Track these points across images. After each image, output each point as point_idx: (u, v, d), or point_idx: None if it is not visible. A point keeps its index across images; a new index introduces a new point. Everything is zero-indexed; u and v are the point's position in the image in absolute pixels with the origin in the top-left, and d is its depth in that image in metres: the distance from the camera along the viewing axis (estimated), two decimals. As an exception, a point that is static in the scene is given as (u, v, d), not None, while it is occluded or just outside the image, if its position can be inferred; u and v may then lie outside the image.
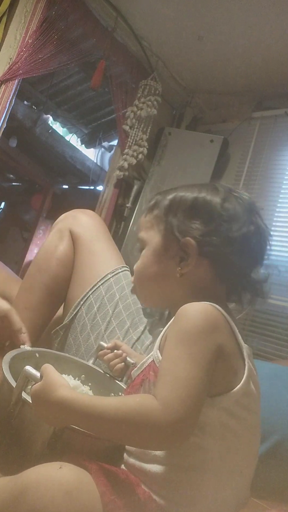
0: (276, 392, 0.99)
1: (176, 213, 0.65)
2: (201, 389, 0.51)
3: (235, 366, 0.57)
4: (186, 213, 0.64)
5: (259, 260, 0.65)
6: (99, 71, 2.29)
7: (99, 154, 4.00)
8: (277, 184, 2.53)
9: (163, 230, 0.66)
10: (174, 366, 0.52)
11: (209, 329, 0.54)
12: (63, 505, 0.47)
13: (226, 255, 0.62)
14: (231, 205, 0.64)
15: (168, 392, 0.50)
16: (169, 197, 0.67)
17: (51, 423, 0.54)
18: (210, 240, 0.62)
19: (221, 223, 0.62)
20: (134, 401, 0.51)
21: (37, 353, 0.79)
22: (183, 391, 0.50)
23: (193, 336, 0.53)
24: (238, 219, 0.63)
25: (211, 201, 0.64)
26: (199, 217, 0.63)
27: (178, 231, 0.63)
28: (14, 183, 4.84)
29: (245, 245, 0.62)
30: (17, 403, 0.59)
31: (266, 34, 2.22)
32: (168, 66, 2.75)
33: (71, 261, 1.12)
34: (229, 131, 2.78)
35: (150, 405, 0.49)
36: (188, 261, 0.63)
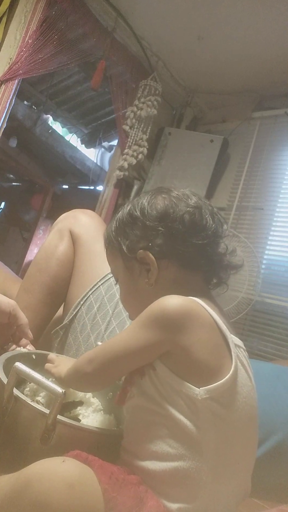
0: (276, 392, 0.99)
1: (121, 235, 0.69)
2: (123, 356, 0.59)
3: (215, 357, 0.57)
4: (127, 230, 0.68)
5: (214, 234, 0.66)
6: (99, 71, 2.29)
7: (99, 154, 4.00)
8: (277, 184, 2.53)
9: (120, 256, 0.69)
10: (115, 337, 0.61)
11: (161, 320, 0.57)
12: (66, 498, 0.48)
13: (177, 247, 0.64)
14: (158, 203, 0.66)
15: (95, 350, 0.61)
16: (112, 226, 0.72)
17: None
18: (155, 242, 0.64)
19: (155, 222, 0.65)
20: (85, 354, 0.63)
21: (34, 355, 0.79)
22: (102, 355, 0.60)
23: (145, 320, 0.58)
24: (170, 211, 0.65)
25: (136, 207, 0.68)
26: (136, 227, 0.67)
27: (129, 250, 0.67)
28: (14, 183, 4.84)
29: (189, 229, 0.64)
30: (9, 400, 0.59)
31: (266, 34, 2.22)
32: (168, 66, 2.75)
33: (71, 261, 1.12)
34: (229, 131, 2.78)
35: (84, 359, 0.62)
36: (151, 270, 0.65)
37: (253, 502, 0.80)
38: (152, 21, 2.41)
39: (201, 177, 2.62)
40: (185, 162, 2.72)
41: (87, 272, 1.11)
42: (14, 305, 0.82)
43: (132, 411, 0.62)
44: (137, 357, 0.58)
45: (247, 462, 0.60)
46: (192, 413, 0.55)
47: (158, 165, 2.83)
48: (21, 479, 0.50)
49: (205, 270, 0.66)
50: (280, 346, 2.20)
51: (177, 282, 0.65)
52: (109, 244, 0.72)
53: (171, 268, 0.65)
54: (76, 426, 0.59)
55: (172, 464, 0.55)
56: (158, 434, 0.57)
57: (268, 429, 0.91)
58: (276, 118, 2.60)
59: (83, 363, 0.62)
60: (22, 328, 0.83)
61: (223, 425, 0.56)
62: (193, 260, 0.65)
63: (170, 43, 2.55)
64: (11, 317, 0.81)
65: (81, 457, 0.53)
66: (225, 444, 0.56)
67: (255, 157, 2.63)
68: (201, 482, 0.54)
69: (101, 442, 0.60)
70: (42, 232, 4.38)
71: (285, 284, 2.29)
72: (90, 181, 3.89)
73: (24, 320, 0.83)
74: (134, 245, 0.66)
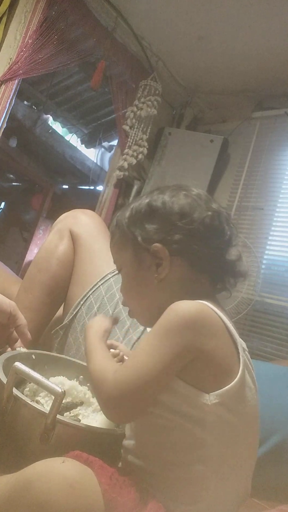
0: (277, 392, 0.99)
1: (136, 225, 0.67)
2: (153, 380, 0.54)
3: (228, 362, 0.57)
4: (144, 221, 0.66)
5: (228, 241, 0.66)
6: (99, 71, 2.29)
7: (99, 154, 4.00)
8: (277, 184, 2.53)
9: (130, 246, 0.68)
10: (140, 352, 0.57)
11: (186, 328, 0.55)
12: (67, 499, 0.48)
13: (194, 247, 0.64)
14: (181, 200, 0.66)
15: (124, 371, 0.56)
16: (126, 214, 0.70)
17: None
18: (173, 238, 0.64)
19: (177, 218, 0.64)
20: (106, 365, 0.60)
21: (34, 355, 0.79)
22: (136, 376, 0.54)
23: (167, 331, 0.55)
24: (192, 210, 0.65)
25: (159, 201, 0.66)
26: (156, 220, 0.66)
27: (144, 241, 0.65)
28: (14, 183, 4.84)
29: (208, 231, 0.64)
30: (9, 400, 0.59)
31: (266, 34, 2.22)
32: (168, 66, 2.75)
33: (71, 261, 1.12)
34: (229, 131, 2.78)
35: (108, 374, 0.57)
36: (163, 265, 0.64)
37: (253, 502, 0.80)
38: (152, 21, 2.41)
39: (201, 177, 2.61)
40: (185, 162, 2.72)
41: (87, 272, 1.11)
42: (14, 305, 0.82)
43: None
44: (166, 370, 0.55)
45: (249, 465, 0.60)
46: (199, 418, 0.54)
47: (158, 165, 2.82)
48: (21, 479, 0.50)
49: (214, 274, 0.66)
50: (280, 346, 2.20)
51: (185, 281, 0.65)
52: (120, 231, 0.70)
53: (181, 267, 0.64)
54: (75, 426, 0.59)
55: (176, 466, 0.55)
56: (162, 437, 0.56)
57: (268, 429, 0.91)
58: (276, 118, 2.60)
59: (106, 384, 0.56)
60: (21, 329, 0.83)
61: (228, 429, 0.56)
62: (205, 263, 0.65)
63: (170, 43, 2.55)
64: (11, 318, 0.81)
65: (82, 458, 0.53)
66: (230, 448, 0.56)
67: (255, 157, 2.63)
68: (204, 485, 0.54)
69: (101, 441, 0.60)
70: (42, 232, 4.37)
71: (285, 284, 2.29)
72: (90, 181, 3.89)
73: (23, 321, 0.83)
74: (150, 237, 0.65)
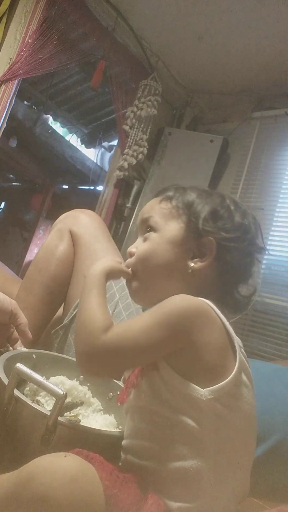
0: (276, 392, 0.99)
1: (202, 212, 0.66)
2: (137, 350, 0.56)
3: (222, 358, 0.58)
4: (212, 215, 0.66)
5: (249, 276, 0.69)
6: (99, 71, 2.29)
7: (99, 154, 4.00)
8: (277, 184, 2.53)
9: (184, 222, 0.67)
10: (133, 322, 0.58)
11: (181, 317, 0.57)
12: (68, 492, 0.48)
13: (235, 264, 0.65)
14: (248, 221, 0.68)
15: (114, 330, 0.57)
16: (193, 194, 0.69)
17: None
18: (228, 246, 0.65)
19: (240, 234, 0.66)
20: (99, 316, 0.59)
21: (34, 355, 0.79)
22: (123, 340, 0.56)
23: (163, 315, 0.57)
24: (251, 235, 0.67)
25: (234, 212, 0.67)
26: (225, 222, 0.66)
27: (203, 229, 0.65)
28: (14, 183, 4.84)
29: (248, 259, 0.67)
30: (10, 401, 0.59)
31: (266, 34, 2.22)
32: (168, 66, 2.75)
33: (71, 261, 1.12)
34: (229, 131, 2.78)
35: (99, 325, 0.57)
36: (203, 259, 0.65)
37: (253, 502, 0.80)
38: (152, 21, 2.41)
39: (201, 177, 2.61)
40: (185, 162, 2.72)
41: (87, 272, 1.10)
42: (15, 304, 0.82)
43: (133, 412, 0.62)
44: (153, 349, 0.57)
45: (247, 462, 0.60)
46: (195, 414, 0.55)
47: (158, 165, 2.82)
48: (23, 473, 0.50)
49: (223, 293, 0.67)
50: (280, 346, 2.20)
51: (206, 283, 0.65)
52: (177, 205, 0.68)
53: (213, 271, 0.65)
54: (77, 428, 0.59)
55: (174, 463, 0.55)
56: (159, 434, 0.57)
57: (268, 429, 0.91)
58: (276, 118, 2.60)
59: (99, 328, 0.57)
60: (22, 328, 0.83)
61: (224, 425, 0.56)
62: (227, 280, 0.66)
63: (170, 43, 2.55)
64: (12, 316, 0.81)
65: (82, 454, 0.53)
66: (226, 444, 0.56)
67: (255, 157, 2.63)
68: (202, 482, 0.54)
69: (102, 443, 0.60)
70: (42, 232, 4.38)
71: (285, 284, 2.29)
72: (90, 181, 3.89)
73: (24, 319, 0.83)
74: (210, 231, 0.65)
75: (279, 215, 2.48)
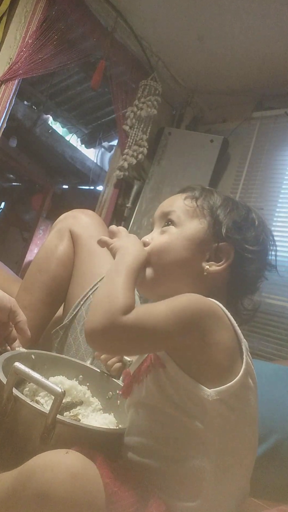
0: (277, 392, 0.99)
1: (227, 217, 0.67)
2: (152, 338, 0.56)
3: (230, 358, 0.58)
4: (236, 224, 0.67)
5: (256, 290, 0.70)
6: (99, 71, 2.29)
7: (99, 154, 4.00)
8: (277, 184, 2.53)
9: (208, 222, 0.67)
10: (155, 309, 0.57)
11: (195, 313, 0.57)
12: (70, 489, 0.48)
13: (247, 274, 0.66)
14: (265, 235, 0.69)
15: (135, 311, 0.55)
16: (221, 199, 0.70)
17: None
18: (246, 257, 0.66)
19: (258, 246, 0.67)
20: (129, 297, 0.57)
21: (33, 355, 0.79)
22: (143, 326, 0.55)
23: (179, 310, 0.56)
24: (267, 249, 0.69)
25: (258, 223, 0.69)
26: (247, 233, 0.67)
27: (225, 233, 0.66)
28: (14, 183, 4.84)
29: (259, 274, 0.69)
30: (9, 400, 0.59)
31: (266, 34, 2.22)
32: (168, 66, 2.75)
33: (71, 261, 1.12)
34: (229, 131, 2.78)
35: (126, 309, 0.55)
36: (219, 264, 0.66)
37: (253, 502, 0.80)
38: (152, 21, 2.41)
39: (201, 177, 2.61)
40: (185, 162, 2.72)
41: (87, 272, 1.11)
42: (14, 301, 0.82)
43: (135, 408, 0.62)
44: (167, 339, 0.56)
45: (248, 464, 0.61)
46: (199, 414, 0.55)
47: (158, 165, 2.82)
48: (24, 470, 0.50)
49: (230, 299, 0.68)
50: (280, 346, 2.20)
51: (217, 287, 0.66)
52: (203, 204, 0.69)
53: (226, 276, 0.66)
54: (75, 426, 0.59)
55: (175, 462, 0.55)
56: (162, 432, 0.57)
57: (268, 429, 0.91)
58: (276, 118, 2.60)
59: (121, 307, 0.55)
60: (20, 326, 0.82)
61: (228, 426, 0.56)
62: (237, 287, 0.67)
63: (170, 43, 2.55)
64: (11, 314, 0.81)
65: (83, 452, 0.53)
66: (229, 445, 0.57)
67: (255, 157, 2.63)
68: (204, 482, 0.54)
69: (102, 441, 0.60)
70: (42, 232, 4.38)
71: (285, 284, 2.28)
72: (90, 181, 3.89)
73: (23, 317, 0.83)
74: (231, 237, 0.66)
75: (279, 215, 2.48)
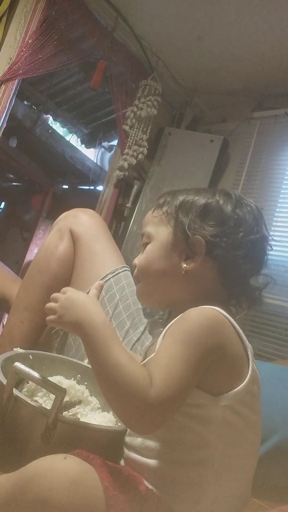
0: (277, 392, 0.99)
1: (188, 212, 0.66)
2: (187, 388, 0.53)
3: (239, 366, 0.58)
4: (199, 213, 0.66)
5: (260, 267, 0.67)
6: (99, 71, 2.29)
7: (99, 154, 3.99)
8: (277, 184, 2.53)
9: (172, 226, 0.67)
10: (170, 360, 0.54)
11: (208, 333, 0.55)
12: (68, 495, 0.48)
13: (231, 259, 0.64)
14: (242, 212, 0.66)
15: (162, 382, 0.52)
16: (181, 197, 0.68)
17: (66, 319, 0.58)
18: (219, 241, 0.64)
19: (231, 227, 0.64)
20: (139, 371, 0.53)
21: (31, 355, 0.79)
22: (175, 387, 0.52)
23: (193, 339, 0.54)
24: (246, 226, 0.65)
25: (223, 205, 0.66)
26: (211, 218, 0.65)
27: (189, 229, 0.65)
28: (14, 183, 4.83)
29: (250, 252, 0.65)
30: (9, 400, 0.59)
31: (266, 34, 2.22)
32: (168, 66, 2.75)
33: (71, 261, 1.12)
34: (229, 131, 2.78)
35: (147, 383, 0.51)
36: (194, 259, 0.64)
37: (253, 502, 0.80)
38: (152, 21, 2.41)
39: (201, 177, 2.61)
40: (185, 162, 2.72)
41: (87, 272, 1.10)
42: None
43: None
44: (197, 375, 0.54)
45: (250, 469, 0.60)
46: (204, 418, 0.55)
47: (158, 165, 2.82)
48: (23, 475, 0.50)
49: (233, 290, 0.66)
50: (280, 346, 2.20)
51: (206, 284, 0.65)
52: (166, 210, 0.69)
53: (210, 270, 0.65)
54: (77, 424, 0.59)
55: (178, 465, 0.55)
56: (165, 435, 0.57)
57: (268, 429, 0.91)
58: (276, 118, 2.60)
59: (143, 384, 0.51)
60: None
61: (232, 431, 0.56)
62: (232, 277, 0.65)
63: (170, 43, 2.55)
64: None
65: (82, 455, 0.53)
66: (232, 450, 0.57)
67: (255, 157, 2.63)
68: (205, 485, 0.54)
69: (102, 439, 0.61)
70: (42, 232, 4.37)
71: (285, 284, 2.28)
72: (90, 181, 3.89)
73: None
74: (197, 229, 0.65)
75: (279, 215, 2.48)
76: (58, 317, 0.59)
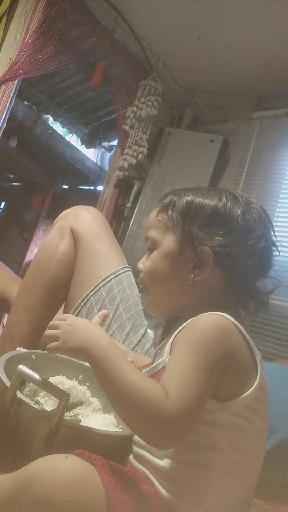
0: (277, 392, 0.99)
1: (195, 218, 0.63)
2: (204, 398, 0.53)
3: (247, 372, 0.57)
4: (206, 220, 0.63)
5: (267, 271, 0.67)
6: (99, 71, 2.29)
7: (99, 154, 3.99)
8: (277, 184, 2.53)
9: (179, 234, 0.65)
10: (184, 373, 0.53)
11: (218, 341, 0.55)
12: (69, 495, 0.48)
13: (241, 267, 0.62)
14: (251, 217, 0.64)
15: (178, 395, 0.51)
16: (187, 200, 0.65)
17: (71, 344, 0.57)
18: (227, 251, 0.61)
19: (240, 235, 0.62)
20: (153, 387, 0.52)
21: (33, 355, 0.78)
22: (191, 399, 0.51)
23: (204, 348, 0.54)
24: (256, 233, 0.63)
25: (232, 211, 0.63)
26: (219, 227, 0.63)
27: (196, 238, 0.62)
28: (14, 183, 4.83)
29: (259, 259, 0.63)
30: (12, 403, 0.59)
31: (266, 34, 2.22)
32: (168, 66, 2.75)
33: (72, 260, 1.09)
34: (229, 131, 2.78)
35: (163, 399, 0.51)
36: (203, 269, 0.63)
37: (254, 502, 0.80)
38: (152, 21, 2.41)
39: (201, 177, 2.61)
40: (185, 162, 2.72)
41: (88, 272, 1.08)
42: None
43: None
44: (211, 383, 0.53)
45: (255, 473, 0.60)
46: (211, 423, 0.55)
47: (158, 165, 2.82)
48: (24, 475, 0.50)
49: (241, 294, 0.66)
50: (280, 346, 2.20)
51: (215, 292, 0.64)
52: (172, 215, 0.66)
53: (219, 278, 0.63)
54: (80, 428, 0.58)
55: (184, 466, 0.55)
56: None
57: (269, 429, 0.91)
58: (276, 118, 2.60)
59: (165, 410, 0.50)
60: None
61: (238, 436, 0.56)
62: (240, 283, 0.64)
63: (170, 43, 2.55)
64: None
65: (84, 456, 0.53)
66: (237, 455, 0.56)
67: (255, 157, 2.63)
68: (209, 487, 0.54)
69: (106, 444, 0.60)
70: (42, 232, 4.37)
71: (285, 284, 2.28)
72: (90, 181, 3.89)
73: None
74: (204, 238, 0.62)
75: (279, 215, 2.48)
76: (62, 343, 0.57)
